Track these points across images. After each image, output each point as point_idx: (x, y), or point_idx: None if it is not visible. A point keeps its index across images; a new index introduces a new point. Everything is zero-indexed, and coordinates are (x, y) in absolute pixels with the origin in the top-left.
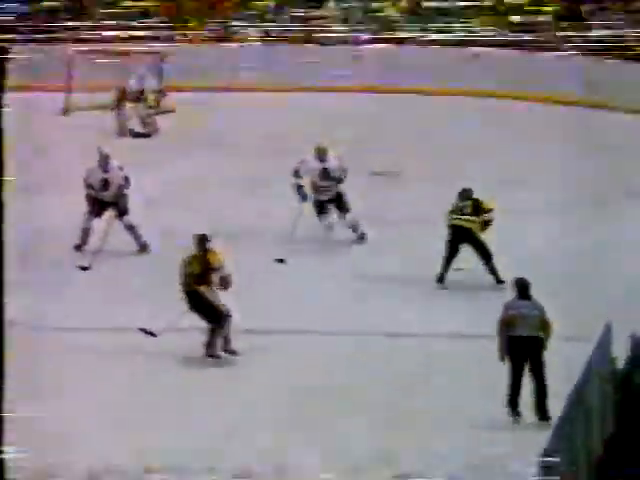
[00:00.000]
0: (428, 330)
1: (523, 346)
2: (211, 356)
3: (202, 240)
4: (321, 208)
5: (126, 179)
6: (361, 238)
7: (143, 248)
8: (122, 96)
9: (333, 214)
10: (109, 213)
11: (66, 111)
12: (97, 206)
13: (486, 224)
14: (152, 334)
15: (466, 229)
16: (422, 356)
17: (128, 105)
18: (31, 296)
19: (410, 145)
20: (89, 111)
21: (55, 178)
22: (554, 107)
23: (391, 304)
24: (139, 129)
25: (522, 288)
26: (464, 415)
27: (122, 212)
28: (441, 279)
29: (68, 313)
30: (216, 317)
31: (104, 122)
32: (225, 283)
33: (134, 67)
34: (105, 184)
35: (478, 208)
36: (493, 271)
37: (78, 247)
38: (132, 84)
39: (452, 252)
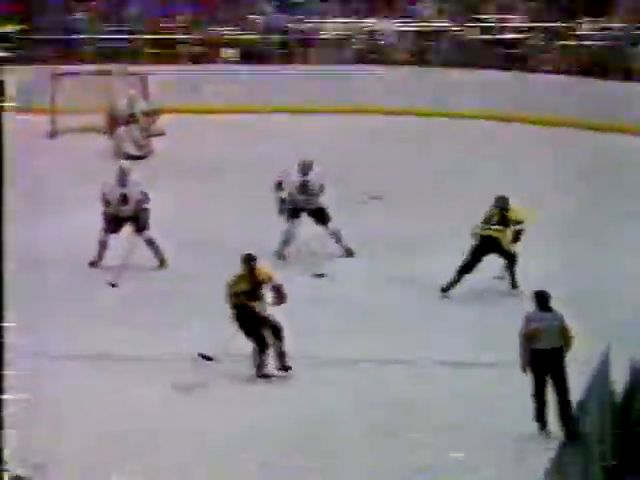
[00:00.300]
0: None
1: (546, 358)
2: (264, 376)
3: (248, 259)
4: (294, 213)
5: (145, 194)
6: (349, 253)
7: (162, 263)
8: (113, 119)
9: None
10: (128, 228)
11: (53, 134)
12: (114, 222)
13: (517, 235)
14: (209, 358)
15: (494, 239)
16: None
17: (121, 127)
18: (57, 321)
19: (396, 168)
20: (78, 133)
21: (52, 201)
22: (543, 128)
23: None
24: (133, 151)
25: (542, 299)
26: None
27: (142, 227)
28: (447, 289)
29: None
30: (265, 335)
31: (95, 143)
32: (280, 294)
33: (120, 87)
34: (124, 199)
35: (505, 218)
36: (512, 274)
37: (93, 263)
38: (122, 106)
39: (472, 261)
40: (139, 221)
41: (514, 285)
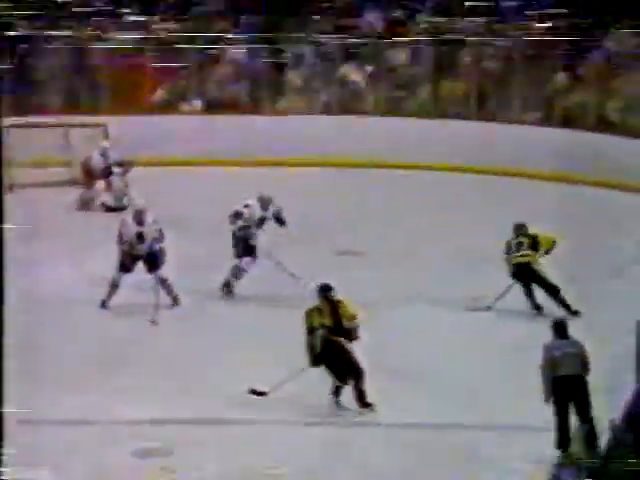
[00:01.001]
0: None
1: (568, 386)
2: (337, 403)
3: (325, 290)
4: (247, 249)
5: (161, 233)
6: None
7: (175, 301)
8: (89, 171)
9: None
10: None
11: (10, 187)
12: (129, 260)
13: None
14: (262, 394)
15: (526, 264)
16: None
17: (97, 180)
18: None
19: (373, 223)
20: (36, 187)
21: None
22: (520, 181)
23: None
24: (111, 203)
25: (561, 328)
26: None
27: (156, 266)
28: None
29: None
30: (349, 372)
31: (56, 197)
32: (355, 334)
33: (80, 139)
34: (140, 237)
35: (536, 243)
36: (563, 303)
37: (104, 303)
38: (96, 158)
39: (527, 289)
40: (154, 260)
41: (571, 311)
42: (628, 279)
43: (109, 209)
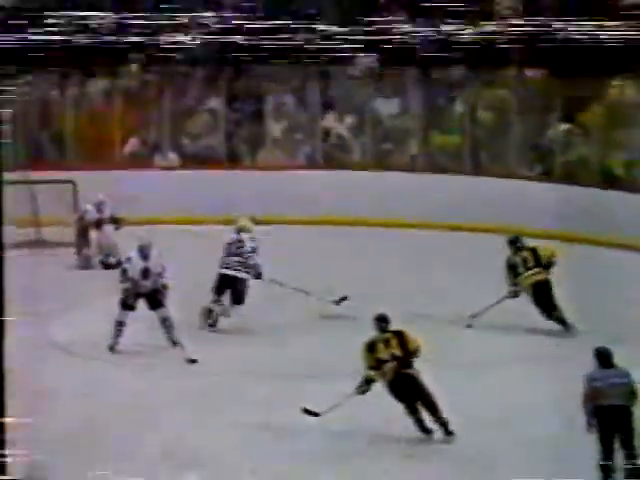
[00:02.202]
0: None
1: (613, 415)
2: (425, 431)
3: (383, 320)
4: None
5: (164, 268)
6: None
7: (175, 344)
8: (83, 227)
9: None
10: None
11: None
12: (132, 298)
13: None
14: (315, 414)
15: (545, 282)
16: None
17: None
18: None
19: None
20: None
21: None
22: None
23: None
24: (107, 259)
25: (605, 357)
26: None
27: (159, 304)
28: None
29: None
30: (426, 403)
31: (27, 260)
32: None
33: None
34: (145, 273)
35: (538, 256)
36: (561, 321)
37: (112, 347)
38: (91, 211)
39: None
40: (157, 297)
41: (566, 327)
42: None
43: (108, 266)
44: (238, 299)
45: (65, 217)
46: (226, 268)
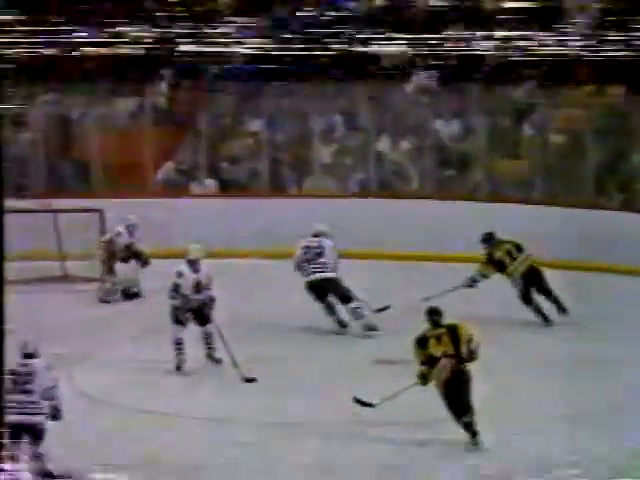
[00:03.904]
0: None
1: None
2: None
3: (435, 314)
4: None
5: (211, 280)
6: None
7: (216, 361)
8: (111, 253)
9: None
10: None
11: None
12: (183, 314)
13: None
14: (369, 405)
15: (536, 267)
16: None
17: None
18: None
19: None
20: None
21: None
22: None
23: None
24: (129, 290)
25: None
26: None
27: (207, 319)
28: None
29: None
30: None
31: (40, 297)
32: (476, 355)
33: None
34: (197, 286)
35: (519, 245)
36: (557, 302)
37: (179, 367)
38: (122, 235)
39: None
40: (206, 311)
41: (562, 309)
42: None
43: (131, 295)
44: (347, 297)
45: (91, 250)
46: (319, 272)
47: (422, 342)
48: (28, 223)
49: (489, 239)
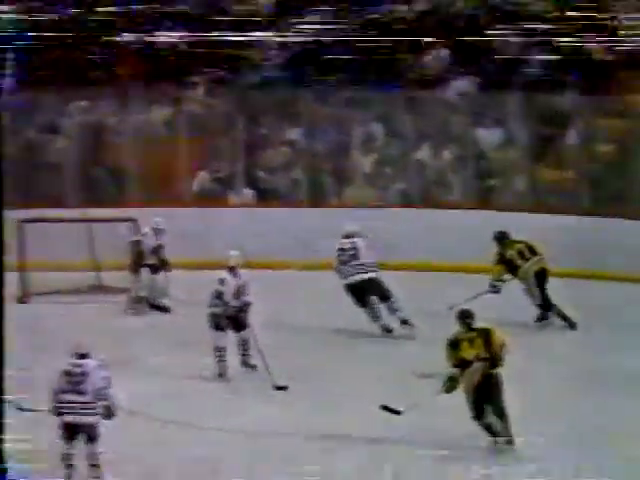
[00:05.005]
0: None
1: None
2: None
3: (468, 316)
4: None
5: (248, 285)
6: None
7: (251, 368)
8: (140, 256)
9: None
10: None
11: (24, 296)
12: (223, 320)
13: None
14: (396, 412)
15: (546, 270)
16: None
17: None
18: None
19: None
20: (52, 295)
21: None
22: None
23: None
24: (156, 301)
25: None
26: None
27: (244, 325)
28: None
29: None
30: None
31: (74, 308)
32: (502, 362)
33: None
34: (238, 292)
35: (531, 246)
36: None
37: (222, 374)
38: (148, 237)
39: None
40: (242, 317)
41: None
42: None
43: (156, 307)
44: (386, 296)
45: (126, 260)
46: (356, 274)
47: (454, 344)
48: (63, 233)
49: (501, 237)
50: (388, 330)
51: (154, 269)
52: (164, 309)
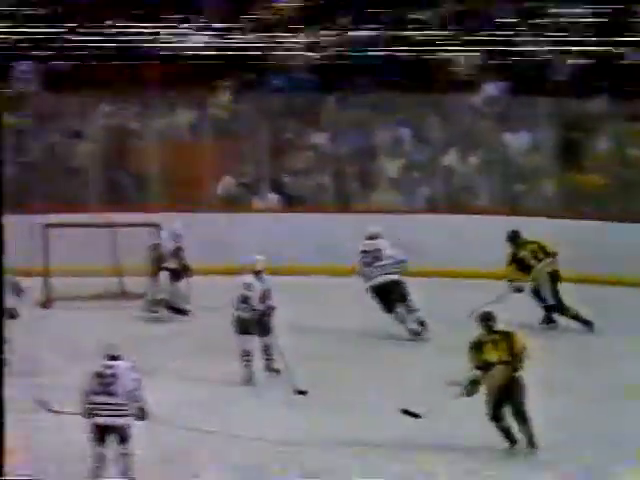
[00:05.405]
0: None
1: None
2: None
3: (489, 319)
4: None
5: (271, 290)
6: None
7: (275, 372)
8: (158, 256)
9: None
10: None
11: (47, 302)
12: (249, 324)
13: None
14: (416, 415)
15: (558, 272)
16: None
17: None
18: None
19: None
20: (80, 301)
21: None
22: None
23: None
24: (176, 304)
25: None
26: None
27: (269, 330)
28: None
29: None
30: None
31: (103, 314)
32: (522, 365)
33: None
34: (263, 296)
35: (544, 247)
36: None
37: (249, 379)
38: (166, 240)
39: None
40: (266, 322)
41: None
42: None
43: (174, 310)
44: (403, 296)
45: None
46: (380, 275)
47: (478, 347)
48: (86, 238)
49: (514, 237)
50: (416, 333)
51: (175, 274)
52: (182, 311)
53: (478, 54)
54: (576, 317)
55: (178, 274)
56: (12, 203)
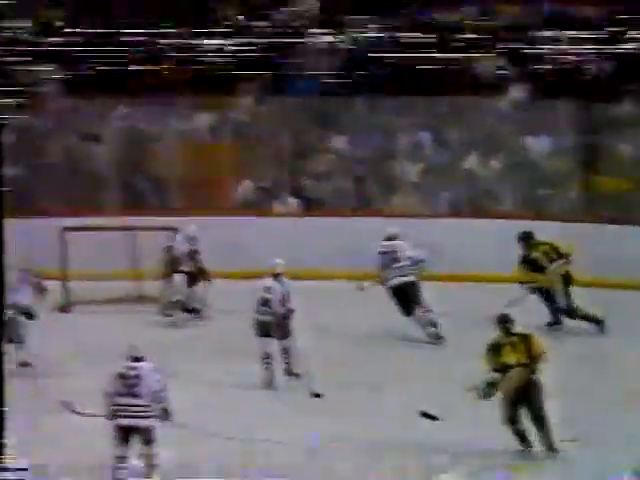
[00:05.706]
0: None
1: None
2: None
3: (507, 321)
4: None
5: (290, 293)
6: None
7: (295, 376)
8: (172, 258)
9: None
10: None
11: (65, 306)
12: (268, 326)
13: None
14: (434, 418)
15: (570, 274)
16: None
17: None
18: None
19: None
20: (99, 305)
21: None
22: None
23: None
24: (192, 305)
25: None
26: None
27: (286, 333)
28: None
29: None
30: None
31: (121, 318)
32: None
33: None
34: (283, 299)
35: (557, 248)
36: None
37: (270, 383)
38: (180, 243)
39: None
40: (284, 324)
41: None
42: None
43: (189, 311)
44: (418, 298)
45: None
46: (397, 277)
47: (496, 349)
48: (104, 241)
49: (526, 238)
50: (438, 337)
51: (191, 277)
52: (196, 311)
53: (502, 57)
54: (586, 317)
55: (194, 277)
56: (30, 206)
